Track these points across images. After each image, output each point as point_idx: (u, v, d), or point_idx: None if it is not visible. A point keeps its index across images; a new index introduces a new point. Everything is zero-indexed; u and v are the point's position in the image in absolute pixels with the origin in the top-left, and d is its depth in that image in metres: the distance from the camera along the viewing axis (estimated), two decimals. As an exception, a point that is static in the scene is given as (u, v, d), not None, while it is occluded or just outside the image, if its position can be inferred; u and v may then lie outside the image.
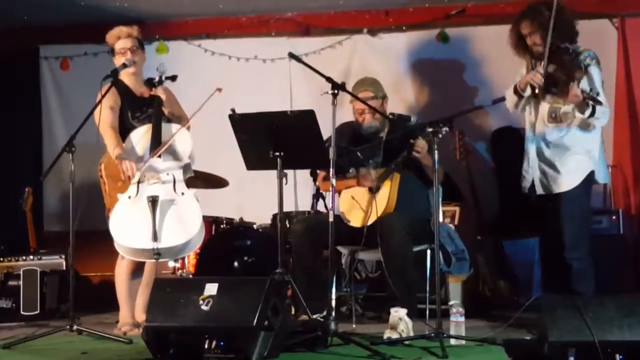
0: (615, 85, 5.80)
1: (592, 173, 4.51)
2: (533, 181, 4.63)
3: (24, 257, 5.61)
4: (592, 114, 4.31)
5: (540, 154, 4.58)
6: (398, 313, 4.03)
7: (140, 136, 4.54)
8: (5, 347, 4.06)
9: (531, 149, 4.63)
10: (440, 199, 4.73)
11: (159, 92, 4.62)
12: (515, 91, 4.62)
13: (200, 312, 3.44)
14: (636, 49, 5.93)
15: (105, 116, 4.48)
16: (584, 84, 4.38)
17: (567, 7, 4.52)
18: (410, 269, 4.53)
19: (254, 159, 4.27)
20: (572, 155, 4.50)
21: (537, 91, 4.49)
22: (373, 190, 4.60)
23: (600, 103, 4.29)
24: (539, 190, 4.60)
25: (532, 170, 4.63)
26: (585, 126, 4.46)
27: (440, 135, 4.00)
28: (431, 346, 3.73)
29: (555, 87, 4.43)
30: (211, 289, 3.49)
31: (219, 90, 4.40)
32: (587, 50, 4.51)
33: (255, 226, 5.82)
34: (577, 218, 4.50)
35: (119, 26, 4.74)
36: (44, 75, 6.75)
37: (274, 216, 5.60)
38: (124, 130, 4.59)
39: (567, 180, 4.49)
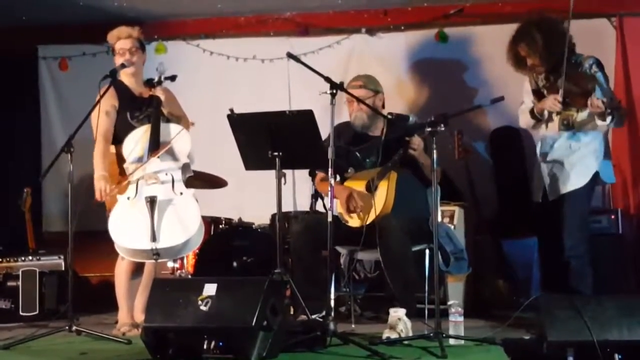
0: (613, 85, 5.79)
1: (597, 173, 4.52)
2: (544, 189, 4.62)
3: (23, 258, 5.61)
4: (613, 119, 4.25)
5: (548, 159, 4.58)
6: (397, 313, 4.03)
7: (140, 136, 4.54)
8: (4, 347, 4.05)
9: (541, 159, 4.63)
10: (439, 198, 4.73)
11: (159, 92, 4.62)
12: (532, 115, 4.62)
13: (199, 312, 3.44)
14: (635, 48, 5.93)
15: (99, 122, 4.48)
16: (597, 92, 4.36)
17: (557, 20, 4.52)
18: (409, 269, 4.53)
19: (253, 159, 4.27)
20: (580, 155, 4.50)
21: (554, 116, 4.51)
22: (371, 189, 4.59)
23: (621, 109, 4.25)
24: (551, 196, 4.59)
25: (542, 178, 4.63)
26: (593, 127, 4.46)
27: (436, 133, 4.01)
28: (430, 346, 3.73)
29: (569, 99, 4.42)
30: (210, 289, 3.49)
31: (192, 124, 4.60)
32: (589, 58, 4.52)
33: (254, 226, 5.82)
34: (579, 217, 4.51)
35: (121, 26, 4.75)
36: (43, 76, 6.74)
37: (273, 216, 5.59)
38: (122, 130, 4.59)
39: (575, 180, 4.49)
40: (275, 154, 4.10)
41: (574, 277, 4.43)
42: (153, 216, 4.17)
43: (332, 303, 4.30)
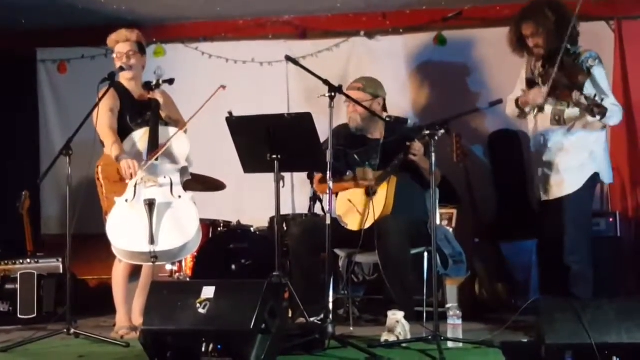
0: (612, 88, 5.80)
1: (595, 175, 4.49)
2: (538, 188, 4.61)
3: (21, 261, 5.60)
4: (603, 116, 4.16)
5: (542, 158, 4.57)
6: (395, 316, 4.04)
7: (138, 139, 4.55)
8: (2, 350, 4.05)
9: (534, 155, 4.62)
10: (438, 201, 4.73)
11: (157, 95, 4.62)
12: (517, 105, 4.61)
13: (197, 315, 3.43)
14: (633, 52, 5.93)
15: (105, 118, 4.49)
16: (589, 87, 4.32)
17: (567, 6, 4.49)
18: (407, 272, 4.51)
19: (251, 162, 4.27)
20: (575, 157, 4.46)
21: (536, 112, 4.49)
22: (370, 193, 4.58)
23: (604, 108, 4.12)
24: (544, 196, 4.57)
25: (535, 177, 4.62)
26: (590, 126, 4.42)
27: (436, 138, 4.01)
28: (428, 349, 3.73)
29: (558, 90, 4.40)
30: (208, 292, 3.48)
31: (223, 87, 4.42)
32: (588, 52, 4.46)
33: (252, 229, 5.81)
34: (579, 221, 4.48)
35: (121, 29, 4.75)
36: (41, 78, 6.75)
37: (272, 219, 5.59)
38: (123, 133, 4.59)
39: (570, 183, 4.46)
40: (274, 156, 4.10)
41: (573, 282, 4.41)
42: (152, 219, 4.17)
43: (331, 306, 4.29)
